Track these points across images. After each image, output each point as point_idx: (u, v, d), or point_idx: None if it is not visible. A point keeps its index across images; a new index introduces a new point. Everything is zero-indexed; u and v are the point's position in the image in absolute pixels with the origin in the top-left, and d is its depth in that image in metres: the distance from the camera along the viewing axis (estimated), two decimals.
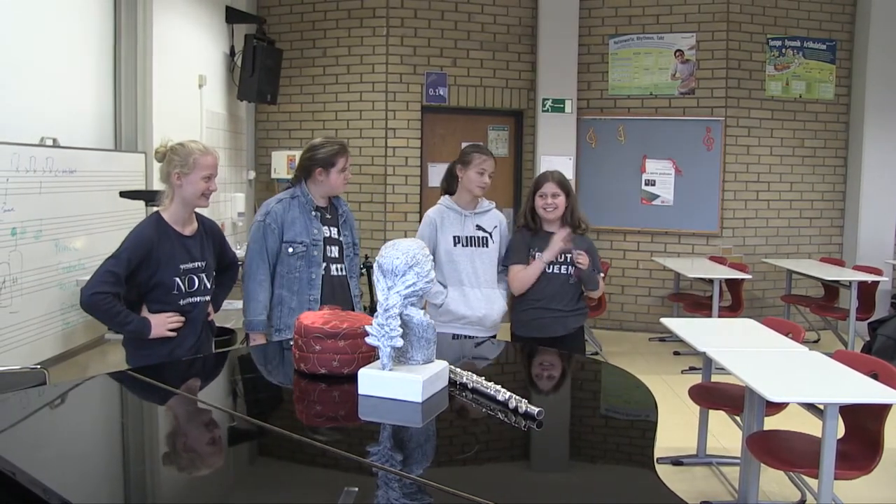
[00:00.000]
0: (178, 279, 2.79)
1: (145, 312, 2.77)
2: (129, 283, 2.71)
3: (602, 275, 3.72)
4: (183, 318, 2.79)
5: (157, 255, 2.74)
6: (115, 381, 2.26)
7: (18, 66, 3.85)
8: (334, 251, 3.27)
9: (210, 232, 3.00)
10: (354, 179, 7.03)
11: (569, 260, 3.54)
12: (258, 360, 2.65)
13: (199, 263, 2.87)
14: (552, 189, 3.57)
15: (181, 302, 2.80)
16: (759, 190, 7.43)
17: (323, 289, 3.20)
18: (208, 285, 2.92)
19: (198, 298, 2.86)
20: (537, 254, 3.54)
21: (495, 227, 3.60)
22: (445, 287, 3.48)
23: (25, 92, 3.90)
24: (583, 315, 3.63)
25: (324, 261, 3.22)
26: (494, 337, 3.47)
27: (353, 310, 3.20)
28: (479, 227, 3.56)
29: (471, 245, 3.53)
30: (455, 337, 3.28)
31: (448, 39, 7.19)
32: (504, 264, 3.63)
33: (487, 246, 3.54)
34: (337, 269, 3.28)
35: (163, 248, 2.76)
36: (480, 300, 3.48)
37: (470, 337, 3.34)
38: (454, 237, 3.51)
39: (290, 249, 3.16)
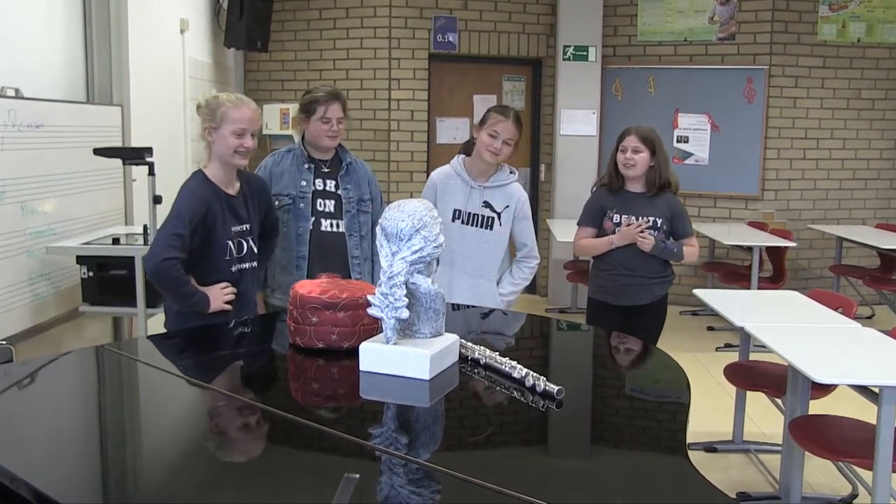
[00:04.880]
0: (230, 242, 2.81)
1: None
2: None
3: (686, 238, 3.73)
4: (236, 290, 2.81)
5: (212, 214, 2.76)
6: (92, 356, 2.27)
7: None
8: (328, 205, 3.30)
9: (257, 191, 3.02)
10: (354, 136, 7.00)
11: (657, 225, 3.64)
12: (250, 333, 2.66)
13: (246, 226, 2.90)
14: (633, 143, 3.63)
15: (232, 268, 2.83)
16: (807, 148, 7.36)
17: (311, 245, 3.24)
18: (255, 250, 2.94)
19: (245, 265, 2.89)
20: (615, 216, 3.68)
21: (507, 206, 3.37)
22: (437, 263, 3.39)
23: None
24: (668, 282, 3.75)
25: (312, 215, 3.26)
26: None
27: (349, 273, 3.25)
28: (486, 204, 3.37)
29: (472, 224, 3.37)
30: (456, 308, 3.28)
31: None
32: (577, 223, 3.78)
33: (492, 228, 3.36)
34: (330, 226, 3.31)
35: (213, 206, 2.78)
36: (466, 291, 3.34)
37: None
38: (455, 210, 3.37)
39: (277, 202, 3.22)
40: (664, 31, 7.37)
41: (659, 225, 3.66)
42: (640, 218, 3.65)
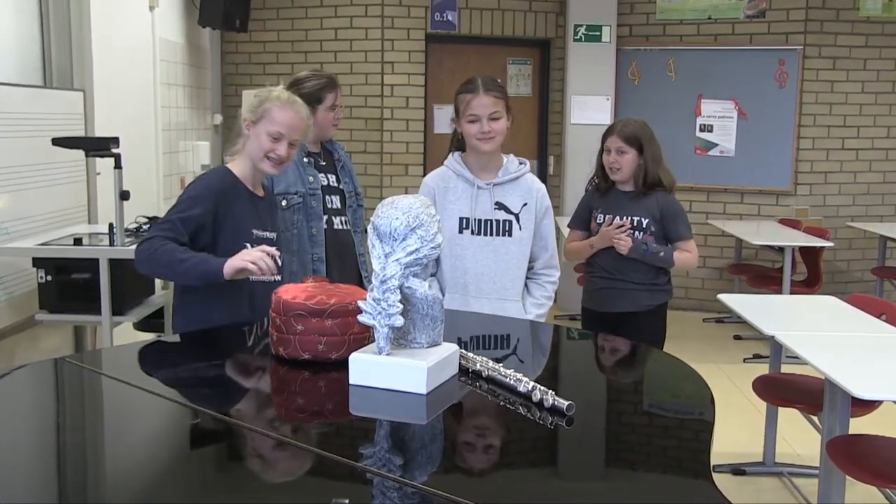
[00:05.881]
0: (249, 246, 2.74)
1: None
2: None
3: (680, 243, 3.70)
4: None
5: (225, 212, 2.72)
6: (50, 370, 2.26)
7: None
8: (335, 201, 3.39)
9: (274, 205, 3.02)
10: (345, 124, 6.97)
11: (643, 225, 3.65)
12: (227, 344, 2.66)
13: (270, 235, 2.86)
14: (616, 144, 3.65)
15: (250, 276, 2.67)
16: (846, 137, 7.37)
17: (327, 246, 3.31)
18: (280, 262, 2.81)
19: (268, 277, 2.71)
20: (599, 216, 3.73)
21: (525, 204, 3.06)
22: (443, 293, 3.07)
23: None
24: (664, 292, 3.74)
25: (325, 213, 3.33)
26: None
27: (360, 272, 3.28)
28: (499, 206, 3.05)
29: (485, 233, 3.04)
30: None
31: None
32: (567, 225, 3.85)
33: (510, 234, 3.04)
34: (341, 223, 3.41)
35: (233, 205, 2.75)
36: None
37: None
38: (460, 219, 3.04)
39: (284, 202, 3.24)
40: (686, 8, 7.38)
41: (645, 225, 3.66)
42: (625, 218, 3.66)
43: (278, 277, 2.70)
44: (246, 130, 2.79)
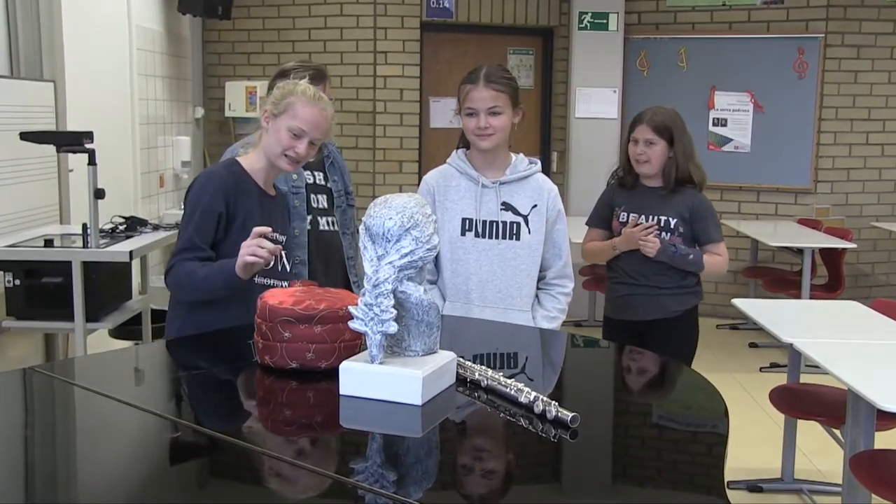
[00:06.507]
0: None
1: None
2: None
3: (710, 245, 3.65)
4: (268, 229, 2.63)
5: (234, 207, 2.72)
6: (17, 380, 2.26)
7: None
8: (321, 201, 3.38)
9: (286, 207, 3.03)
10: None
11: (671, 226, 3.59)
12: (211, 351, 2.66)
13: (281, 237, 2.84)
14: (645, 134, 3.56)
15: (255, 279, 2.69)
16: (870, 131, 7.38)
17: (310, 248, 3.29)
18: (288, 268, 2.85)
19: (272, 281, 2.78)
20: (622, 215, 3.65)
21: (535, 206, 3.00)
22: (444, 300, 3.03)
23: None
24: (692, 294, 3.67)
25: (308, 213, 3.33)
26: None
27: (348, 277, 3.27)
28: (506, 207, 2.99)
29: (491, 235, 2.98)
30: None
31: None
32: (586, 223, 3.79)
33: (519, 238, 2.98)
34: (327, 224, 3.40)
35: (241, 201, 2.75)
36: None
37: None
38: (464, 220, 3.00)
39: None
40: None
41: (672, 226, 3.60)
42: (651, 217, 3.60)
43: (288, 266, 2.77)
44: (265, 123, 2.77)
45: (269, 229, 2.59)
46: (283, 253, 2.84)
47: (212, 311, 2.70)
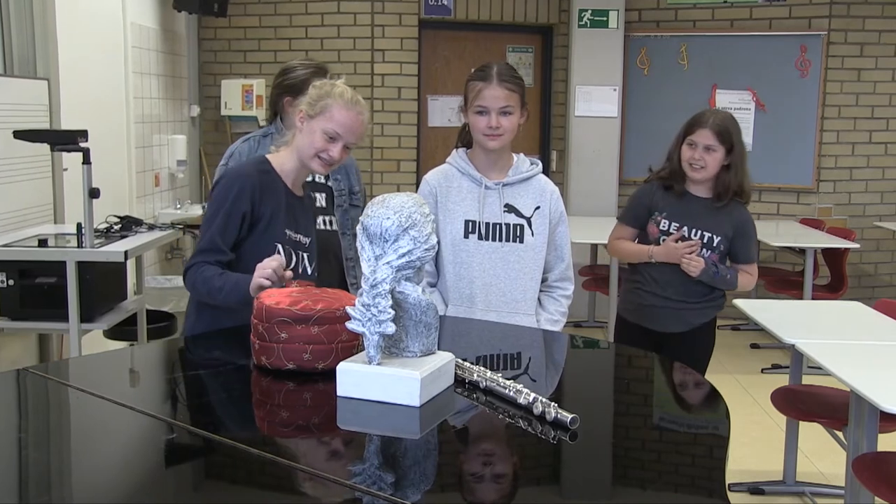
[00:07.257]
0: (280, 247, 2.73)
1: None
2: None
3: (745, 266, 3.60)
4: (284, 261, 2.66)
5: (260, 207, 2.71)
6: (11, 382, 2.26)
7: None
8: (320, 199, 3.38)
9: (312, 208, 3.02)
10: None
11: (714, 243, 3.49)
12: (204, 352, 2.66)
13: (305, 239, 2.84)
14: (706, 139, 3.42)
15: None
16: (874, 129, 7.38)
17: None
18: (310, 272, 2.83)
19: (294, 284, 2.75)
20: (663, 222, 3.54)
21: (538, 208, 3.00)
22: (446, 304, 3.01)
23: None
24: (714, 307, 3.62)
25: None
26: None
27: (345, 279, 3.26)
28: (509, 209, 2.98)
29: (494, 238, 2.96)
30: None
31: None
32: (617, 217, 3.70)
33: (523, 240, 2.97)
34: (325, 223, 3.39)
35: (267, 201, 2.73)
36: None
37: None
38: (466, 222, 2.97)
39: None
40: None
41: (715, 244, 3.50)
42: (696, 232, 3.50)
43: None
44: (299, 123, 2.76)
45: (276, 258, 2.59)
46: (305, 255, 2.84)
47: (226, 310, 2.69)
